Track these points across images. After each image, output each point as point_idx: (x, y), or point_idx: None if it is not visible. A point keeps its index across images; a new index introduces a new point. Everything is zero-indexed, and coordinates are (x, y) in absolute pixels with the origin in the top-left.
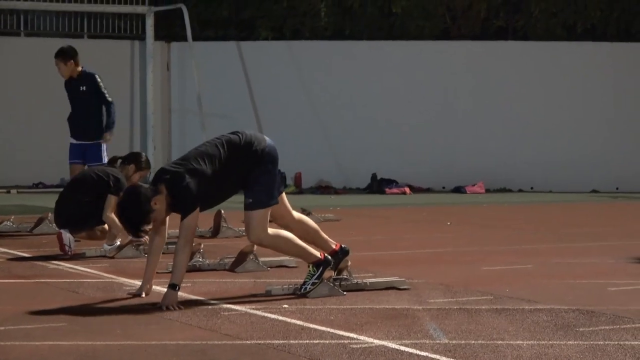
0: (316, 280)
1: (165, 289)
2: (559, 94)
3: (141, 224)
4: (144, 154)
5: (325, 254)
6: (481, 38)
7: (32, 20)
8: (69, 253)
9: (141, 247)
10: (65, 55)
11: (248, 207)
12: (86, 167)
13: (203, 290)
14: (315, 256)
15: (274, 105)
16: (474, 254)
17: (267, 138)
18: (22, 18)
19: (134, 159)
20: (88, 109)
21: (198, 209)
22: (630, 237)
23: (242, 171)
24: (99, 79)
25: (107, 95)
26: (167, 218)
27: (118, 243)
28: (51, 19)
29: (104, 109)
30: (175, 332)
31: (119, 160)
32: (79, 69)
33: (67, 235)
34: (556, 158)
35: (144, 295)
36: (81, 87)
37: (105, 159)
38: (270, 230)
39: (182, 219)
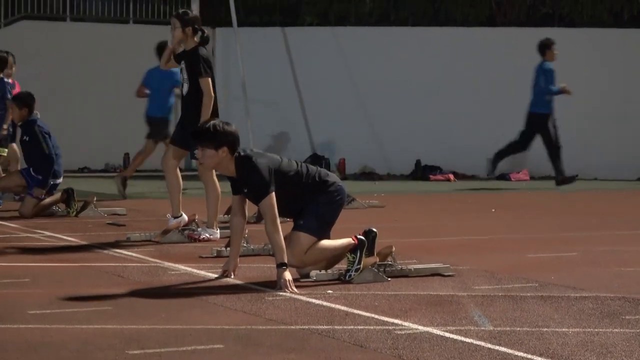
0: (359, 266)
1: (216, 275)
2: (605, 80)
3: (207, 136)
4: None
5: (358, 237)
6: (527, 24)
7: (78, 5)
8: None
9: (185, 232)
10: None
11: (298, 227)
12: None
13: (247, 275)
14: (350, 244)
15: (319, 91)
16: (519, 241)
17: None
18: (67, 3)
19: None
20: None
21: (273, 194)
22: None
23: (310, 192)
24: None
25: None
26: (246, 205)
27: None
28: (97, 4)
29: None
30: (219, 316)
31: None
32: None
33: None
34: (602, 145)
35: (232, 276)
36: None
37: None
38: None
39: (258, 203)
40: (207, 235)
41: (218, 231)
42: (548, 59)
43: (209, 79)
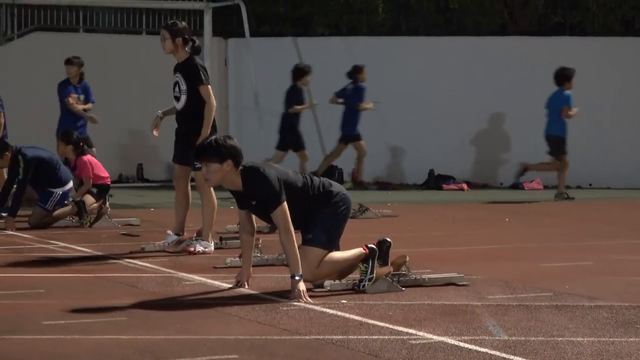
0: (371, 275)
1: (230, 285)
2: (617, 89)
3: (210, 151)
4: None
5: (369, 246)
6: (538, 34)
7: (91, 17)
8: None
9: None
10: None
11: (307, 241)
12: None
13: (261, 285)
14: (361, 253)
15: None
16: (533, 250)
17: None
18: (80, 14)
19: None
20: None
21: (285, 203)
22: None
23: (315, 203)
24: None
25: None
26: (254, 220)
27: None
28: (110, 15)
29: None
30: (234, 326)
31: None
32: None
33: None
34: (614, 154)
35: (246, 286)
36: None
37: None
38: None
39: (266, 215)
40: (202, 248)
41: (212, 244)
42: None
43: (210, 87)
